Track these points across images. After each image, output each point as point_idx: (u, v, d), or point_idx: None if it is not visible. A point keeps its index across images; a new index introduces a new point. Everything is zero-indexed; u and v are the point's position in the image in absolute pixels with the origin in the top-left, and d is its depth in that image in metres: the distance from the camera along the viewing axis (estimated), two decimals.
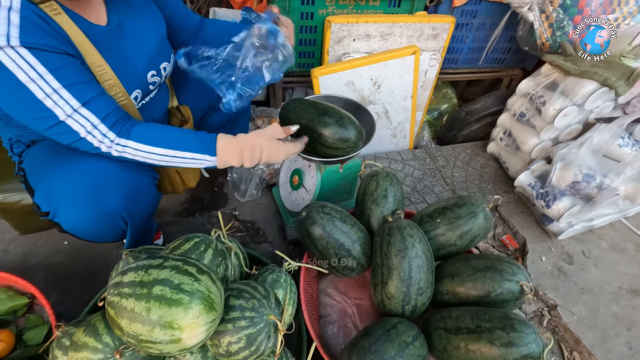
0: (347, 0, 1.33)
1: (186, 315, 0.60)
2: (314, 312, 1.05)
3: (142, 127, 0.81)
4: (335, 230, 0.99)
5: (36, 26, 0.67)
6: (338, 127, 1.03)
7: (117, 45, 0.82)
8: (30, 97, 0.68)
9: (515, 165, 1.49)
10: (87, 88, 0.74)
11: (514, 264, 0.94)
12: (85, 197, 0.80)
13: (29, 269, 1.17)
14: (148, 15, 0.91)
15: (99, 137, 0.76)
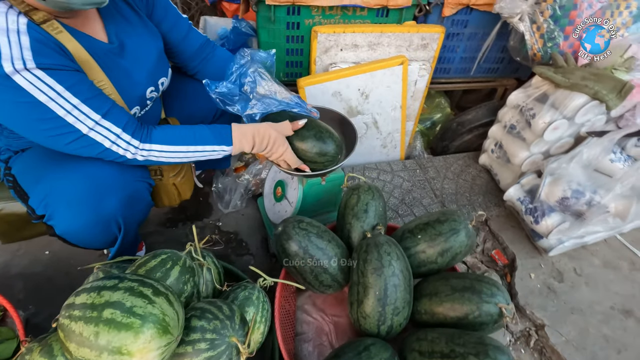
0: (334, 10, 1.32)
1: (136, 340, 0.58)
2: (289, 330, 1.03)
3: (160, 130, 0.85)
4: (311, 246, 0.96)
5: (46, 46, 0.69)
6: (316, 141, 1.02)
7: (118, 63, 0.84)
8: (51, 116, 0.70)
9: (506, 177, 1.46)
10: (102, 100, 0.77)
11: (493, 285, 0.90)
12: (84, 200, 0.81)
13: (9, 279, 1.16)
14: (145, 31, 0.92)
15: (123, 145, 0.79)
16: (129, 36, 0.88)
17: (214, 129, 0.90)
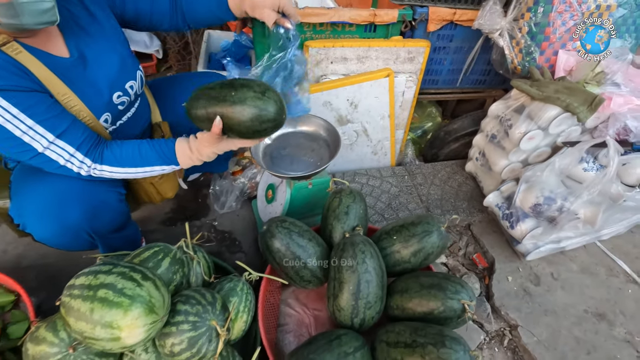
0: (324, 26, 1.42)
1: (125, 316, 0.68)
2: (272, 321, 1.11)
3: (110, 150, 0.89)
4: (292, 244, 1.05)
5: (2, 69, 0.74)
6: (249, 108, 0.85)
7: (80, 74, 0.87)
8: (9, 135, 0.76)
9: (489, 185, 1.52)
10: (59, 121, 0.81)
11: (458, 283, 0.97)
12: (47, 212, 0.88)
13: (23, 269, 1.28)
14: (104, 40, 0.93)
15: (77, 164, 0.85)
16: (89, 46, 0.90)
17: (158, 151, 0.93)
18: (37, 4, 0.72)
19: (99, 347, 0.70)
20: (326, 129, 1.27)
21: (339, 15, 1.36)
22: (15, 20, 0.72)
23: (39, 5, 0.73)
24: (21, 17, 0.72)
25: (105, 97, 0.92)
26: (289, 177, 1.17)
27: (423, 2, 1.44)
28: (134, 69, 1.01)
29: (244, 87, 0.85)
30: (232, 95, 0.84)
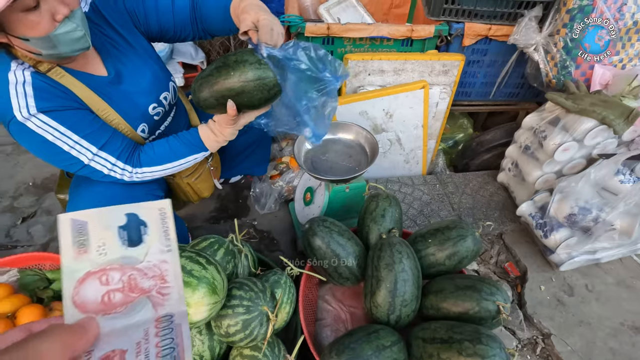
0: (364, 40, 1.51)
1: (193, 294, 0.76)
2: (311, 315, 1.18)
3: (145, 153, 0.98)
4: (333, 242, 1.12)
5: (47, 92, 0.83)
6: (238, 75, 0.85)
7: (117, 90, 0.96)
8: (59, 150, 0.86)
9: (522, 195, 1.54)
10: (100, 134, 0.91)
11: (493, 286, 1.01)
12: None
13: None
14: (137, 56, 1.02)
15: (119, 171, 0.95)
16: (123, 64, 0.99)
17: (186, 142, 1.00)
18: (70, 34, 0.80)
19: None
20: (364, 137, 1.34)
21: (378, 30, 1.45)
22: (54, 51, 0.80)
23: (72, 35, 0.80)
24: (59, 47, 0.80)
25: (140, 109, 1.01)
26: (329, 180, 1.25)
27: (459, 18, 1.50)
28: (166, 81, 1.10)
29: (239, 64, 0.85)
30: (232, 75, 0.85)
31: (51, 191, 1.68)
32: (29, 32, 0.75)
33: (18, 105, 0.80)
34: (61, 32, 0.78)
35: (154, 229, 0.36)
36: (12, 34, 0.76)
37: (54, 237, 1.51)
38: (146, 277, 0.35)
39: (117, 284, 0.34)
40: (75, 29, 0.80)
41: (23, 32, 0.75)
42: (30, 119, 0.81)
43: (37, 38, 0.76)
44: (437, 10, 1.48)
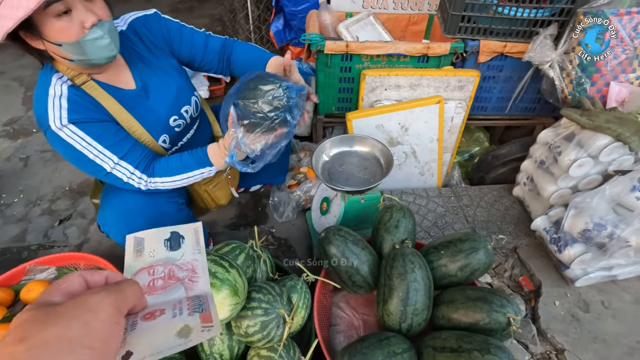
0: (381, 57, 1.57)
1: (217, 295, 0.83)
2: (325, 320, 1.22)
3: (159, 164, 1.05)
4: (347, 251, 1.17)
5: (79, 105, 0.94)
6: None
7: (143, 103, 1.07)
8: (85, 158, 0.96)
9: (537, 209, 1.55)
10: (122, 145, 0.99)
11: (504, 298, 1.03)
12: (119, 222, 1.07)
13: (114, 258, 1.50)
14: (164, 71, 1.12)
15: (136, 180, 1.03)
16: (150, 78, 1.09)
17: (195, 156, 1.05)
18: (98, 41, 0.89)
19: None
20: (380, 150, 1.39)
21: (396, 47, 1.51)
22: (84, 57, 0.90)
23: (99, 42, 0.89)
24: (87, 54, 0.89)
25: (162, 121, 1.10)
26: (345, 191, 1.30)
27: (474, 35, 1.54)
28: (189, 95, 1.19)
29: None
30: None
31: (86, 195, 1.80)
32: (61, 37, 0.85)
33: (53, 116, 0.92)
34: (89, 38, 0.87)
35: (189, 240, 0.52)
36: (47, 40, 0.85)
37: (87, 238, 1.62)
38: (181, 270, 0.47)
39: (160, 274, 0.46)
40: (102, 36, 0.89)
41: (56, 37, 0.84)
42: (62, 129, 0.92)
43: (68, 43, 0.86)
44: (453, 28, 1.52)
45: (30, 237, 1.62)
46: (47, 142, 0.98)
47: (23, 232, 1.64)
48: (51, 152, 2.05)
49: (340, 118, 1.81)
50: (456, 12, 1.48)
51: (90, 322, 0.29)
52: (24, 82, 2.68)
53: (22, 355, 0.25)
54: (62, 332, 0.27)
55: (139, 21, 1.10)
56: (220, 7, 3.76)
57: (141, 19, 1.10)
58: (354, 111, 1.61)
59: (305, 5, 1.94)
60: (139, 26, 1.09)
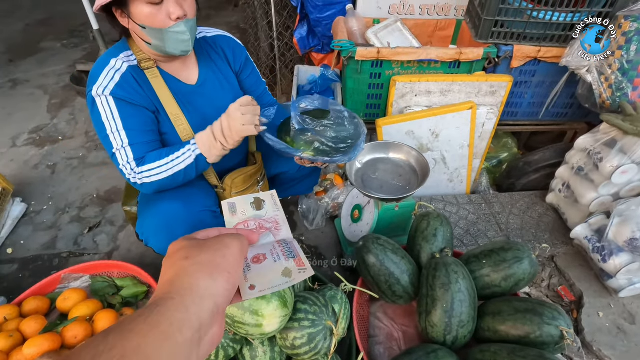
0: (411, 63, 1.55)
1: (268, 306, 0.81)
2: (364, 331, 1.19)
3: (150, 154, 1.02)
4: (387, 260, 1.14)
5: (128, 84, 0.99)
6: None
7: (195, 100, 1.11)
8: (104, 130, 0.99)
9: (574, 217, 1.51)
10: (141, 135, 1.00)
11: (555, 310, 0.99)
12: (159, 232, 1.07)
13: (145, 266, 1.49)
14: (227, 80, 1.18)
15: (128, 169, 1.02)
16: (213, 81, 1.15)
17: (182, 143, 1.05)
18: (179, 35, 0.95)
19: (243, 332, 0.83)
20: (414, 157, 1.37)
21: (427, 53, 1.49)
22: (161, 44, 0.96)
23: (180, 36, 0.96)
24: (165, 43, 0.96)
25: (207, 122, 1.09)
26: (381, 198, 1.28)
27: (507, 40, 1.52)
28: None
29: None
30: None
31: (113, 202, 1.81)
32: (147, 21, 0.92)
33: (100, 84, 0.97)
34: (172, 30, 0.94)
35: (268, 202, 0.65)
36: (135, 21, 0.92)
37: (117, 246, 1.62)
38: (267, 223, 0.61)
39: (253, 226, 0.60)
40: (184, 32, 0.95)
41: (142, 20, 0.92)
42: (100, 96, 0.97)
43: (152, 29, 0.93)
44: (485, 33, 1.50)
45: (60, 245, 1.62)
46: (73, 148, 0.98)
47: (53, 239, 1.65)
48: (78, 159, 2.07)
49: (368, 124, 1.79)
50: (489, 17, 1.46)
51: (226, 254, 0.40)
52: (48, 90, 2.72)
53: (189, 268, 0.37)
54: (211, 258, 0.39)
55: (225, 39, 1.20)
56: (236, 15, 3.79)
57: (228, 39, 1.21)
58: (384, 117, 1.60)
59: (331, 12, 1.94)
60: (223, 42, 1.19)
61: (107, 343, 0.27)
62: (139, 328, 0.29)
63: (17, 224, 1.71)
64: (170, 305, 0.32)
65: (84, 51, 3.22)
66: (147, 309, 0.31)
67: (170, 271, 0.37)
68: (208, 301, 0.35)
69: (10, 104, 2.57)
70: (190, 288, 0.35)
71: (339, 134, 1.14)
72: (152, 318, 0.30)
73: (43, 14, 3.91)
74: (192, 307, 0.33)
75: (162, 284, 0.36)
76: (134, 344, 0.27)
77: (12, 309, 1.17)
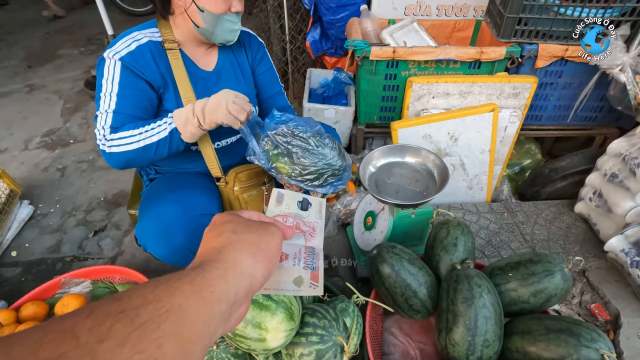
0: (429, 63, 1.48)
1: (272, 319, 0.73)
2: (377, 348, 1.10)
3: (126, 125, 0.97)
4: (403, 271, 1.06)
5: (142, 57, 0.99)
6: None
7: (208, 86, 1.13)
8: (99, 91, 0.99)
9: (607, 228, 1.39)
10: (129, 107, 0.98)
11: (593, 330, 0.89)
12: (159, 237, 1.02)
13: (149, 272, 1.44)
14: (243, 72, 1.20)
15: (100, 134, 0.97)
16: (229, 71, 1.17)
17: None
18: (231, 25, 1.03)
19: (245, 347, 0.76)
20: (432, 162, 1.29)
21: (446, 53, 1.42)
22: (212, 29, 1.01)
23: (231, 26, 1.03)
24: (216, 29, 1.01)
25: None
26: (397, 204, 1.20)
27: (532, 39, 1.44)
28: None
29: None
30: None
31: (120, 206, 1.77)
32: (209, 5, 0.97)
33: (116, 49, 0.98)
34: (227, 19, 1.01)
35: (315, 207, 0.65)
36: (196, 3, 0.97)
37: (122, 251, 1.57)
38: (305, 225, 0.60)
39: (290, 223, 0.60)
40: (236, 23, 1.04)
41: (203, 4, 0.97)
42: (110, 59, 0.98)
43: (210, 13, 0.98)
44: (508, 31, 1.42)
45: (65, 248, 1.59)
46: (83, 152, 0.94)
47: (58, 242, 1.61)
48: (87, 162, 2.05)
49: (381, 128, 1.73)
50: (512, 14, 1.38)
51: (270, 241, 0.42)
52: (63, 95, 2.75)
53: (236, 242, 0.39)
54: (257, 240, 0.40)
55: (247, 34, 1.24)
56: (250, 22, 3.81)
57: (250, 34, 1.25)
58: (400, 120, 1.52)
59: (345, 13, 1.89)
60: (245, 36, 1.22)
61: (155, 295, 0.28)
62: (184, 288, 0.30)
63: (24, 227, 1.68)
64: (214, 274, 0.33)
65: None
66: (193, 270, 0.33)
67: (217, 240, 0.39)
68: (246, 279, 0.36)
69: (26, 108, 2.60)
70: (234, 262, 0.36)
71: (314, 163, 1.02)
72: (197, 282, 0.31)
73: (63, 22, 4.01)
74: (232, 281, 0.34)
75: (208, 249, 0.38)
76: (178, 302, 0.28)
77: (9, 314, 1.12)
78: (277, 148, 1.00)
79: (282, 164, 1.00)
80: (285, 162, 0.99)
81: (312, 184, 1.03)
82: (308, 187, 1.04)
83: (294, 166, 1.00)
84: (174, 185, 1.13)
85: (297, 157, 0.99)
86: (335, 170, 1.06)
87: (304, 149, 1.00)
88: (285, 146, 0.99)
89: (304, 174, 1.00)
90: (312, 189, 1.04)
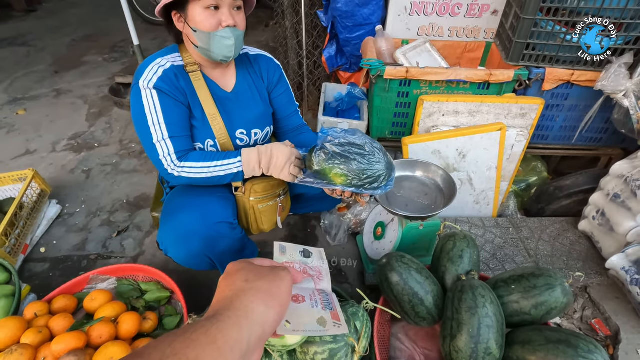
0: (440, 83, 1.56)
1: None
2: (384, 352, 1.16)
3: (194, 153, 1.12)
4: (411, 279, 1.12)
5: (170, 80, 1.07)
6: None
7: (226, 106, 1.20)
8: (145, 122, 1.06)
9: (609, 246, 1.44)
10: (179, 129, 1.08)
11: (590, 342, 0.94)
12: (178, 243, 1.11)
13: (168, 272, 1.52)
14: (260, 95, 1.27)
15: (168, 161, 1.08)
16: (245, 93, 1.23)
17: (228, 152, 1.14)
18: (224, 40, 1.04)
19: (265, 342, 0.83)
20: (441, 176, 1.36)
21: (457, 74, 1.50)
22: (207, 47, 1.05)
23: (224, 41, 1.04)
24: (211, 46, 1.04)
25: (233, 128, 1.21)
26: (406, 216, 1.27)
27: (539, 63, 1.51)
28: (264, 124, 1.29)
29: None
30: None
31: (142, 209, 1.87)
32: (199, 25, 1.02)
33: (146, 77, 1.06)
34: (219, 35, 1.03)
35: (315, 255, 0.70)
36: (189, 24, 1.03)
37: (143, 251, 1.66)
38: (311, 270, 0.66)
39: (298, 269, 0.63)
40: (229, 38, 1.04)
41: (195, 24, 1.02)
42: (146, 89, 1.05)
43: (202, 32, 1.03)
44: (516, 55, 1.50)
45: (90, 247, 1.68)
46: (107, 155, 1.04)
47: (84, 241, 1.71)
48: (111, 165, 2.16)
49: (392, 142, 1.80)
50: (521, 39, 1.46)
51: (281, 287, 0.44)
52: (88, 100, 2.88)
53: (248, 291, 0.40)
54: (268, 287, 0.42)
55: (265, 59, 1.29)
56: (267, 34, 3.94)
57: (268, 59, 1.30)
58: (411, 136, 1.59)
59: (360, 32, 1.99)
60: (262, 60, 1.28)
61: (173, 348, 0.30)
62: (200, 339, 0.32)
63: (52, 225, 1.79)
64: (228, 323, 0.35)
65: (122, 65, 3.41)
66: (208, 320, 0.35)
67: (230, 289, 0.41)
68: (259, 327, 0.37)
69: (54, 111, 2.74)
70: (246, 311, 0.38)
71: (371, 166, 1.07)
72: (212, 332, 0.33)
73: (88, 30, 4.19)
74: (245, 329, 0.36)
75: (222, 300, 0.39)
76: (194, 354, 0.30)
77: (43, 305, 1.21)
78: (332, 158, 1.03)
79: (338, 172, 1.02)
80: (342, 170, 1.02)
81: (372, 186, 1.06)
82: (366, 191, 1.06)
83: (352, 172, 1.03)
84: (193, 194, 1.19)
85: (357, 163, 1.03)
86: (389, 172, 1.10)
87: (361, 155, 1.04)
88: (343, 154, 1.03)
89: (363, 178, 1.03)
90: (370, 192, 1.07)
